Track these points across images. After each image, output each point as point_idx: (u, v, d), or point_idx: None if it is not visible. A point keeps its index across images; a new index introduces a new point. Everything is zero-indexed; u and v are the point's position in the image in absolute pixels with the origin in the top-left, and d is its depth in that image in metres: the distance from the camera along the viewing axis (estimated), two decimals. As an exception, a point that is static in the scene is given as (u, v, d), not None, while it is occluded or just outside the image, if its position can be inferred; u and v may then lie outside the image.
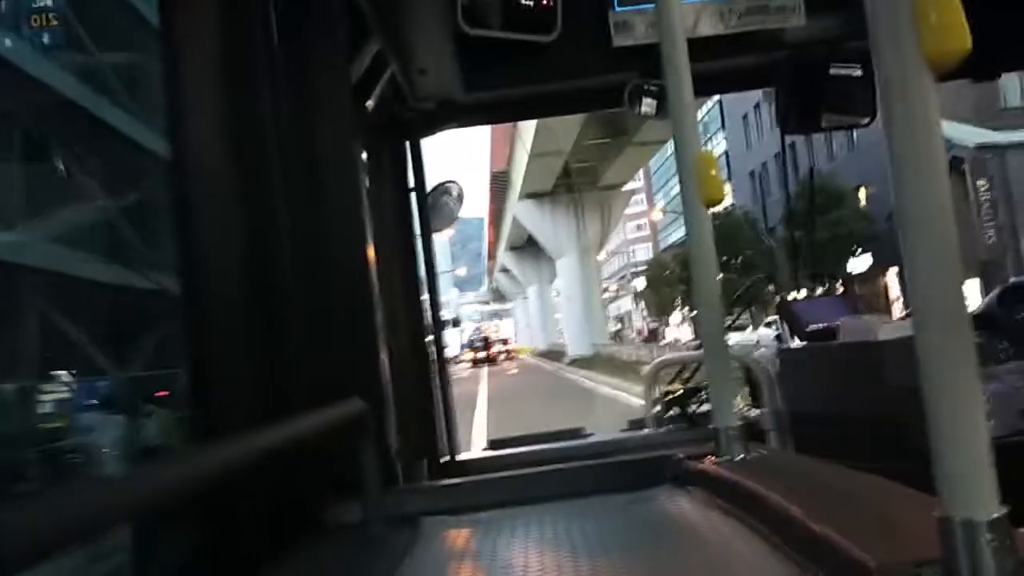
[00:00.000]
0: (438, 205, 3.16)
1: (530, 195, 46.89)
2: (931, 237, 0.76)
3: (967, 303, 0.79)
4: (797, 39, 2.60)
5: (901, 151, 0.77)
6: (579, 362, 38.15)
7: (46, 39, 14.23)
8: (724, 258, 33.55)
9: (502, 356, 62.97)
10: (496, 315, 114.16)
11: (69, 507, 0.56)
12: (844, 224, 29.41)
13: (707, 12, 2.57)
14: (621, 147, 40.70)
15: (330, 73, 1.79)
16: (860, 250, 30.83)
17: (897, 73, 0.75)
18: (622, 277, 78.09)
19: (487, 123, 3.18)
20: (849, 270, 30.89)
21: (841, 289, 27.61)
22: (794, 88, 2.71)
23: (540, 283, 72.26)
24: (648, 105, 2.68)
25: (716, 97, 37.92)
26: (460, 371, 43.68)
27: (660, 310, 50.55)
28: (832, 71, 2.67)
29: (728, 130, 48.49)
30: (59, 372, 14.20)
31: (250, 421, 1.26)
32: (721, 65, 2.66)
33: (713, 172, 1.50)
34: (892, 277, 29.80)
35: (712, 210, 1.59)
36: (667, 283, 45.29)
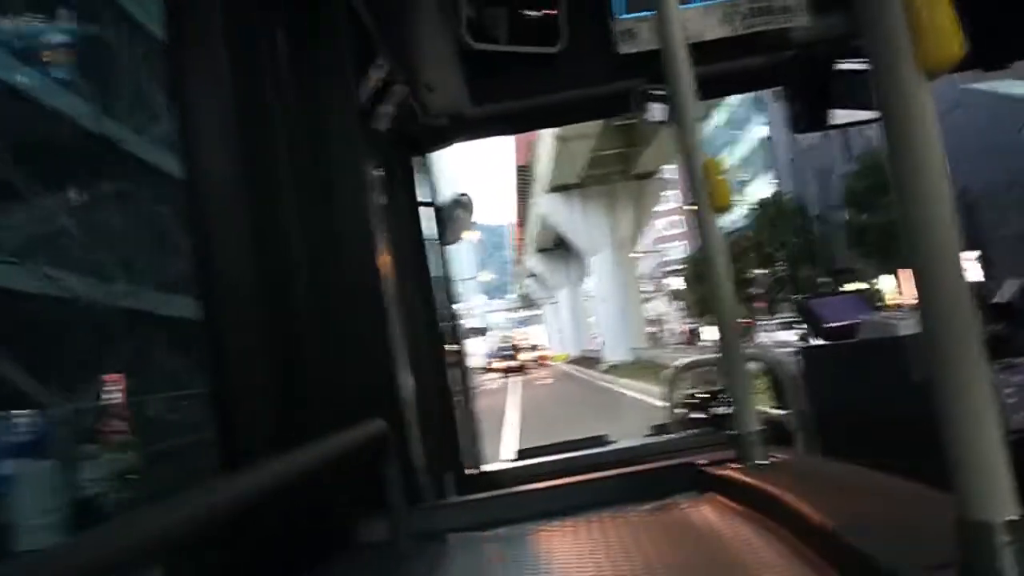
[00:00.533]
0: (452, 218, 3.18)
1: (558, 188, 42.40)
2: (933, 236, 0.76)
3: (972, 301, 0.79)
4: (802, 38, 2.59)
5: (899, 151, 0.77)
6: (620, 369, 33.21)
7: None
8: (772, 249, 33.20)
9: (533, 364, 59.10)
10: (525, 322, 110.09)
11: (104, 546, 0.56)
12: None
13: (711, 16, 2.57)
14: (653, 130, 37.13)
15: (338, 93, 1.81)
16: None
17: (892, 76, 0.75)
18: (654, 277, 73.96)
19: (496, 135, 3.19)
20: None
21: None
22: (801, 88, 2.70)
23: (570, 286, 69.27)
24: (656, 110, 2.69)
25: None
26: (489, 382, 40.43)
27: (700, 309, 44.51)
28: (838, 68, 2.67)
29: (769, 114, 44.00)
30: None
31: (273, 446, 1.27)
32: (727, 67, 2.66)
33: (720, 177, 1.50)
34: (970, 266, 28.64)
35: (759, 197, 1.56)
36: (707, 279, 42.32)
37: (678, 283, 54.75)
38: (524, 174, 50.10)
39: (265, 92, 1.58)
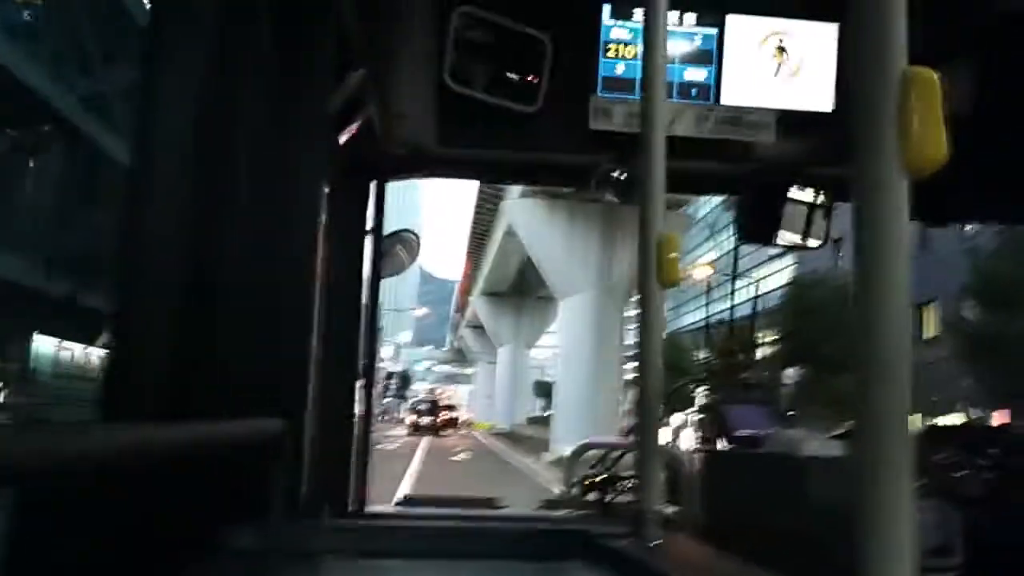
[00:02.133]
0: (391, 252, 3.15)
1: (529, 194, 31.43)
2: (887, 346, 0.77)
3: (911, 425, 0.80)
4: (764, 155, 2.69)
5: (869, 258, 0.78)
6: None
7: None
8: (807, 347, 24.20)
9: (450, 428, 52.09)
10: (453, 379, 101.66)
11: None
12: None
13: (685, 114, 2.65)
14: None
15: (310, 95, 1.79)
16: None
17: (872, 176, 0.77)
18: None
19: (455, 177, 3.20)
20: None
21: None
22: (755, 201, 2.80)
23: (517, 343, 60.27)
24: (614, 192, 2.74)
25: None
26: (389, 440, 31.07)
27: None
28: (793, 192, 2.77)
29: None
30: None
31: (162, 415, 1.20)
32: (691, 166, 2.73)
33: (673, 255, 1.52)
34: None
35: (788, 277, 1.55)
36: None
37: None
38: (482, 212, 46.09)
39: (237, 79, 1.55)
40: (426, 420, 47.92)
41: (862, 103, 0.78)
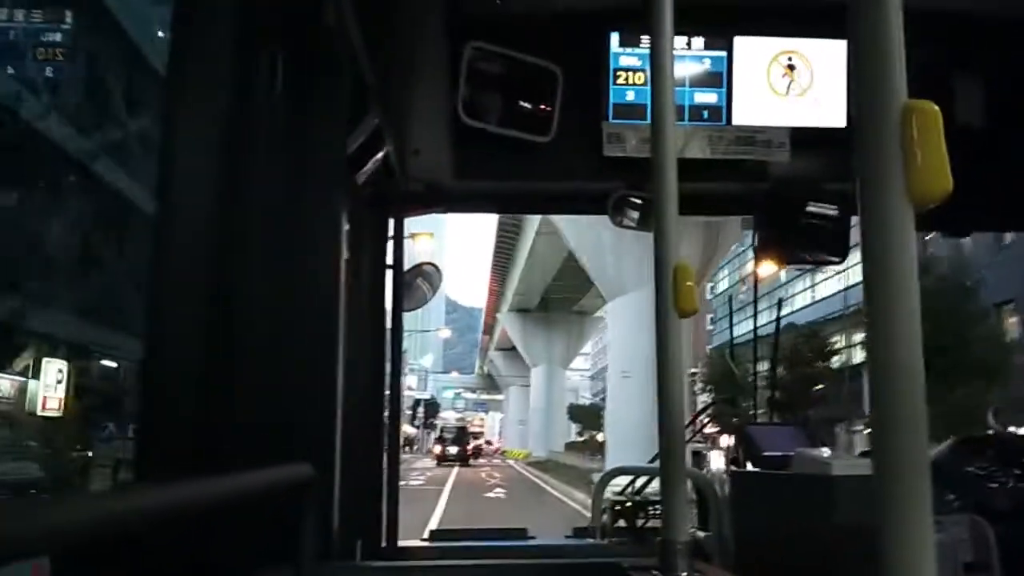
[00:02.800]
0: (413, 285, 3.18)
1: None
2: (900, 373, 0.77)
3: (929, 450, 0.80)
4: (779, 173, 2.70)
5: (878, 285, 0.79)
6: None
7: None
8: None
9: (484, 455, 49.48)
10: (483, 406, 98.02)
11: None
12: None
13: (697, 136, 2.67)
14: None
15: (327, 138, 1.82)
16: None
17: (879, 207, 0.78)
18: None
19: (473, 211, 3.23)
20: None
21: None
22: (772, 219, 2.80)
23: (551, 363, 56.60)
24: (630, 217, 2.76)
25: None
26: (416, 472, 29.40)
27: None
28: (809, 209, 2.77)
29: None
30: None
31: (191, 467, 1.22)
32: (705, 187, 2.74)
33: (689, 283, 1.53)
34: None
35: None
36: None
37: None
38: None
39: (255, 131, 1.59)
40: (454, 450, 44.56)
41: (865, 136, 0.80)
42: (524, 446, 62.98)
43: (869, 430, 0.89)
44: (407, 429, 50.61)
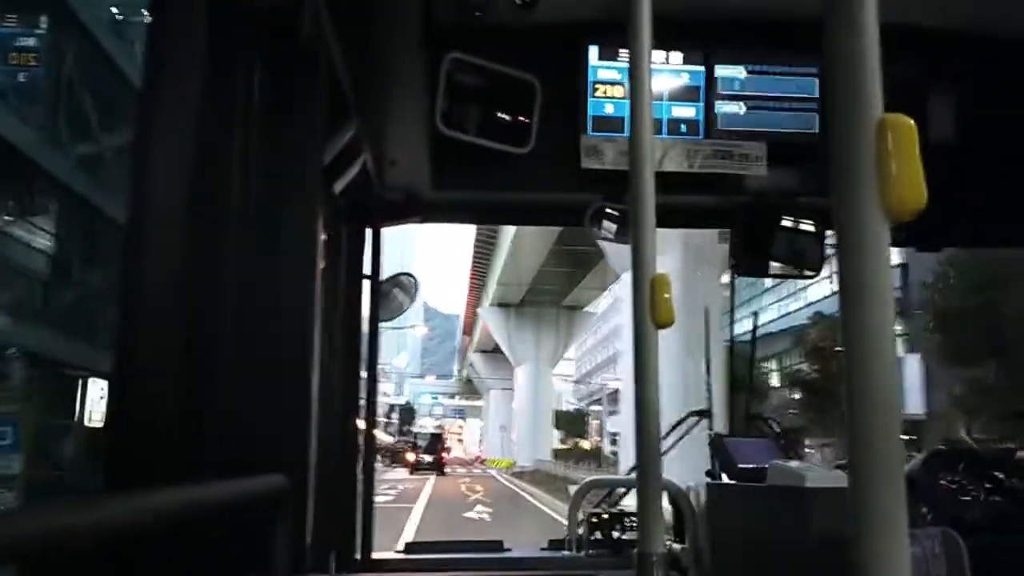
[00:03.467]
0: (389, 296, 3.16)
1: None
2: (875, 386, 0.78)
3: (905, 461, 0.80)
4: (756, 187, 2.72)
5: (852, 298, 0.79)
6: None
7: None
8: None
9: (463, 464, 47.59)
10: (460, 412, 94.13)
11: None
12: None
13: (675, 149, 2.68)
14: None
15: (304, 147, 1.81)
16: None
17: (854, 221, 0.78)
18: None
19: (451, 221, 3.22)
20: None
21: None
22: (748, 232, 2.82)
23: (537, 362, 52.43)
24: (607, 229, 2.77)
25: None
26: (386, 486, 25.34)
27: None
28: (786, 222, 2.79)
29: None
30: None
31: (162, 476, 1.20)
32: (682, 200, 2.76)
33: (666, 295, 1.54)
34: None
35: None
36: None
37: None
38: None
39: (230, 133, 1.58)
40: (428, 458, 42.34)
41: (839, 150, 0.80)
42: (507, 454, 58.69)
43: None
44: (384, 438, 49.40)
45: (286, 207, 1.78)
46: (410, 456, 43.65)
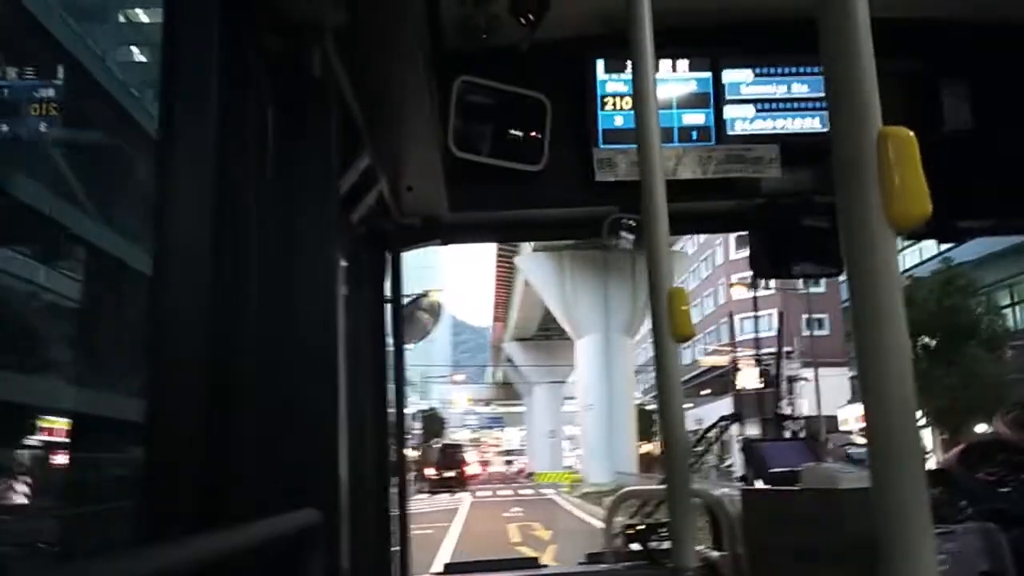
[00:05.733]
0: (413, 317, 3.19)
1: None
2: (892, 392, 0.78)
3: (926, 458, 0.81)
4: (772, 189, 2.71)
5: (863, 305, 0.80)
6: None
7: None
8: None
9: (499, 482, 40.32)
10: (498, 421, 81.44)
11: None
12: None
13: (688, 156, 2.69)
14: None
15: (320, 181, 1.84)
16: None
17: (861, 232, 0.79)
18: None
19: (469, 242, 3.24)
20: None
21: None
22: (767, 234, 2.81)
23: (608, 331, 34.58)
24: (625, 239, 2.77)
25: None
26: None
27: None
28: (803, 222, 2.78)
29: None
30: None
31: (194, 521, 1.22)
32: (698, 207, 2.76)
33: (684, 307, 1.54)
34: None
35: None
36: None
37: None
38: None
39: (246, 174, 1.60)
40: (451, 473, 36.69)
41: (843, 162, 0.81)
42: (555, 465, 47.29)
43: None
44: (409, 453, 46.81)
45: (305, 240, 1.80)
46: (429, 472, 37.26)
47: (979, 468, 2.57)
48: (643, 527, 2.93)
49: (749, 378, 30.01)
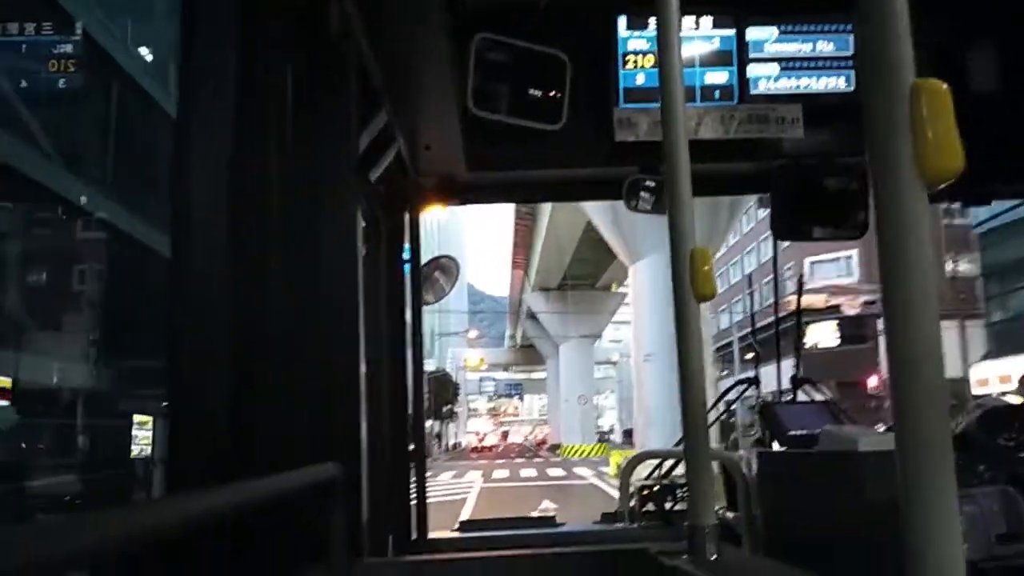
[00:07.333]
0: (431, 279, 3.19)
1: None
2: (918, 351, 0.77)
3: (951, 423, 0.80)
4: (794, 150, 2.68)
5: (892, 263, 0.79)
6: None
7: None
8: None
9: (515, 453, 40.09)
10: (516, 387, 77.76)
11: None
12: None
13: (710, 116, 2.65)
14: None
15: (339, 139, 1.83)
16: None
17: (892, 187, 0.77)
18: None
19: (487, 202, 3.23)
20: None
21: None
22: (788, 196, 2.77)
23: (655, 267, 17.79)
24: (644, 200, 2.74)
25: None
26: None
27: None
28: (826, 183, 2.75)
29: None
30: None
31: (221, 474, 1.24)
32: (719, 168, 2.73)
33: (706, 267, 1.53)
34: None
35: None
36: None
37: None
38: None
39: (267, 134, 1.60)
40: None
41: (874, 117, 0.79)
42: (587, 437, 43.04)
43: None
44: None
45: (323, 199, 1.80)
46: (467, 441, 35.58)
47: (999, 433, 2.55)
48: (657, 488, 2.95)
49: (823, 333, 28.53)
